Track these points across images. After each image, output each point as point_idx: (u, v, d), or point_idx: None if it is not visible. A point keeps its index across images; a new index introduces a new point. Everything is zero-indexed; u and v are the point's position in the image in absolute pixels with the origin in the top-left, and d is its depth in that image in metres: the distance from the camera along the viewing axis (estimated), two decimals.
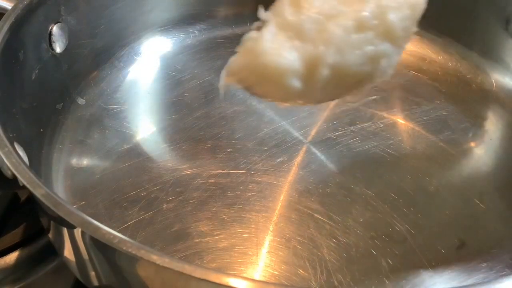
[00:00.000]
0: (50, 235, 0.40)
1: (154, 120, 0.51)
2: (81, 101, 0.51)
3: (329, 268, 0.39)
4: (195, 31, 0.59)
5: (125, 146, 0.48)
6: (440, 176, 0.46)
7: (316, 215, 0.42)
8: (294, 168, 0.46)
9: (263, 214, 0.42)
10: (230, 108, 0.51)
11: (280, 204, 0.43)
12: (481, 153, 0.49)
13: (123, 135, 0.49)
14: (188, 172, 0.45)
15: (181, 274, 0.27)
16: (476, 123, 0.51)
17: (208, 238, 0.41)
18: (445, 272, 0.39)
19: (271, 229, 0.41)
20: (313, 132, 0.49)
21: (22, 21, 0.43)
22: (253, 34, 0.31)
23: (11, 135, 0.37)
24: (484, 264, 0.40)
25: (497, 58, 0.55)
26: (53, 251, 0.43)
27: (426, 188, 0.45)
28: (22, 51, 0.43)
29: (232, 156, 0.47)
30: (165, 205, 0.43)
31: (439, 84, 0.55)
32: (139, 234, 0.41)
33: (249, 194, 0.44)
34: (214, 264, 0.39)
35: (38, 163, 0.43)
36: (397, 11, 0.33)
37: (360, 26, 0.32)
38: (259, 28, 0.32)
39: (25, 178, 0.32)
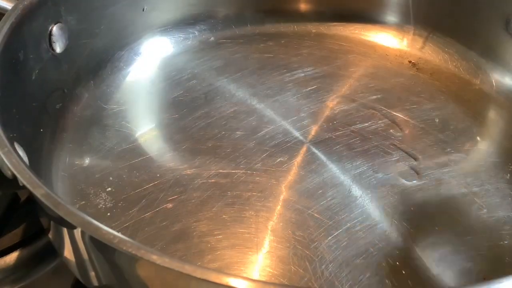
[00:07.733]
0: (50, 235, 0.40)
1: (154, 120, 0.51)
2: (81, 101, 0.51)
3: (329, 268, 0.39)
4: (195, 31, 0.59)
5: (125, 146, 0.48)
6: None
7: (316, 215, 0.42)
8: (294, 168, 0.46)
9: (263, 214, 0.42)
10: (230, 108, 0.51)
11: (280, 204, 0.43)
12: (481, 153, 0.49)
13: (123, 135, 0.49)
14: (188, 172, 0.45)
15: (181, 274, 0.27)
16: (476, 123, 0.51)
17: (208, 238, 0.41)
18: (445, 272, 0.39)
19: (271, 229, 0.41)
20: (313, 132, 0.49)
21: (22, 21, 0.43)
22: None
23: (11, 135, 0.37)
24: (484, 264, 0.40)
25: (497, 58, 0.55)
26: (53, 251, 0.43)
27: (426, 188, 0.45)
28: (22, 51, 0.43)
29: (232, 156, 0.47)
30: (165, 205, 0.43)
31: (439, 84, 0.55)
32: (139, 234, 0.41)
33: (249, 194, 0.44)
34: (214, 264, 0.39)
35: (38, 163, 0.43)
36: None
37: None
38: None
39: (25, 178, 0.32)
